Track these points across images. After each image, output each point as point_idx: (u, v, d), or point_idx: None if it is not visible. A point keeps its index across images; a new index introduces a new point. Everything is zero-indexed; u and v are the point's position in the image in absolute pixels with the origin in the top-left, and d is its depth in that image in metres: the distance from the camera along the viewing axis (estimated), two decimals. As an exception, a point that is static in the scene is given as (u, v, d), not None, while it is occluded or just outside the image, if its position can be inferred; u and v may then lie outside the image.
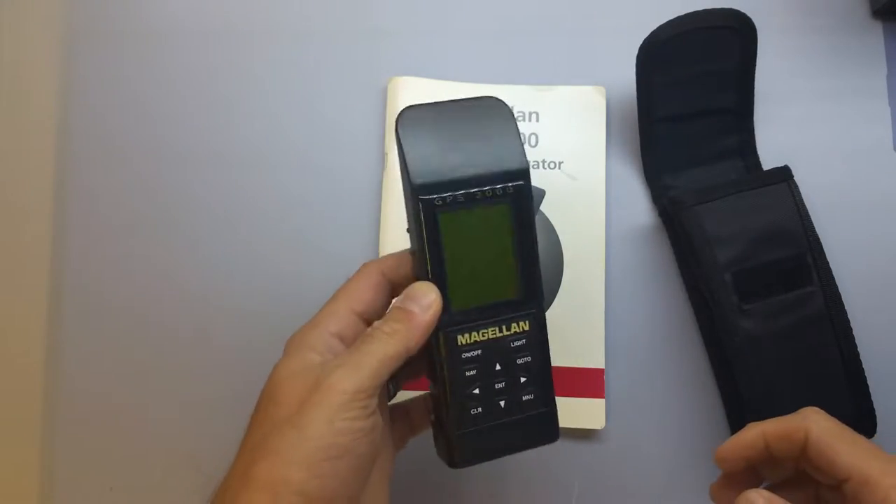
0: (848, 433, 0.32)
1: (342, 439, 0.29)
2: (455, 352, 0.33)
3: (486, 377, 0.33)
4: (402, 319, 0.32)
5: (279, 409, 0.30)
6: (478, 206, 0.32)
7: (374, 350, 0.31)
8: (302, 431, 0.28)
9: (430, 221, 0.32)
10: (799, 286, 0.43)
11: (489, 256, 0.33)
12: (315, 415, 0.29)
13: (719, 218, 0.43)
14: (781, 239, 0.43)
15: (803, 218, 0.44)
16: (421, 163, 0.32)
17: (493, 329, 0.33)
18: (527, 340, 0.34)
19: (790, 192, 0.44)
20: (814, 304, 0.43)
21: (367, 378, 0.30)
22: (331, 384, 0.29)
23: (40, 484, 0.46)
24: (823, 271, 0.43)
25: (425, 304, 0.32)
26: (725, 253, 0.43)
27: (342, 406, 0.29)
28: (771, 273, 0.43)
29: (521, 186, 0.33)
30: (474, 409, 0.33)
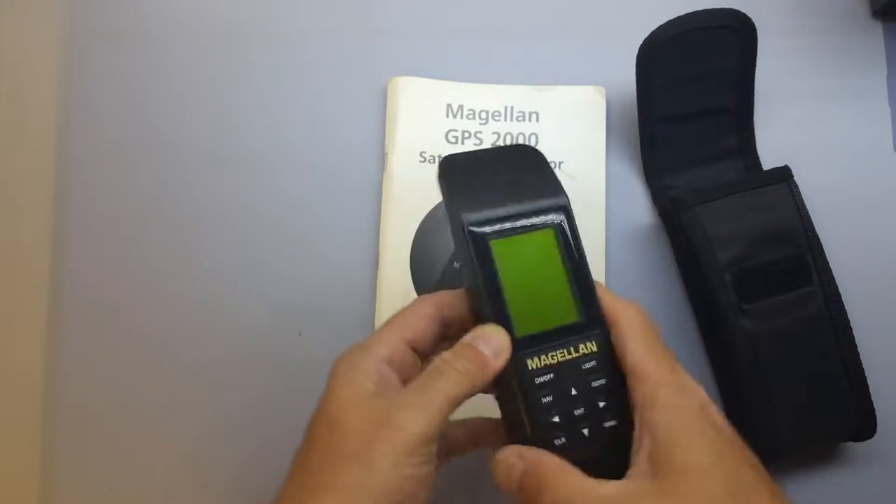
0: (651, 335, 0.32)
1: (408, 484, 0.28)
2: (527, 376, 0.32)
3: (565, 403, 0.32)
4: (474, 360, 0.31)
5: (344, 441, 0.29)
6: (527, 233, 0.33)
7: (444, 388, 0.30)
8: (370, 471, 0.28)
9: (482, 252, 0.32)
10: (799, 286, 0.43)
11: (544, 282, 0.33)
12: (384, 456, 0.28)
13: (719, 218, 0.43)
14: (781, 239, 0.43)
15: (803, 218, 0.44)
16: (466, 201, 0.33)
17: (561, 351, 0.32)
18: (597, 362, 0.32)
19: (790, 192, 0.44)
20: (814, 304, 0.43)
21: (435, 421, 0.29)
22: (401, 425, 0.29)
23: (40, 484, 0.46)
24: (823, 271, 0.43)
25: (496, 346, 0.31)
26: (725, 253, 0.43)
27: (410, 450, 0.29)
28: (771, 273, 0.43)
29: (564, 219, 0.33)
30: (558, 438, 0.32)
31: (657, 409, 0.29)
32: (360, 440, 0.29)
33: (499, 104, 0.49)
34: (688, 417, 0.29)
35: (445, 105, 0.48)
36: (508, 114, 0.49)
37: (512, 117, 0.48)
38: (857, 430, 0.43)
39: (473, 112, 0.48)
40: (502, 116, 0.48)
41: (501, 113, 0.49)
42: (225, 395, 0.47)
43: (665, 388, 0.30)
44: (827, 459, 0.45)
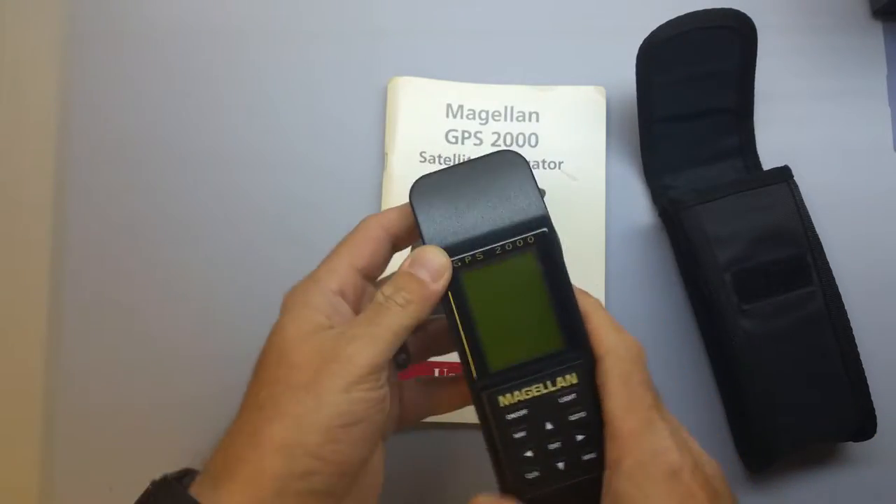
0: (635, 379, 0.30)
1: (358, 408, 0.29)
2: (498, 413, 0.31)
3: (538, 438, 0.31)
4: (414, 290, 0.31)
5: (293, 373, 0.30)
6: (500, 260, 0.31)
7: (389, 323, 0.30)
8: (319, 398, 0.29)
9: (453, 286, 0.31)
10: (799, 286, 0.43)
11: (522, 310, 0.31)
12: (332, 384, 0.29)
13: (719, 218, 0.43)
14: (781, 239, 0.43)
15: (803, 218, 0.44)
16: (436, 229, 0.32)
17: (537, 386, 0.31)
18: (577, 395, 0.31)
19: (790, 192, 0.44)
20: (814, 304, 0.43)
21: (383, 352, 0.30)
22: (349, 356, 0.29)
23: (40, 484, 0.46)
24: (823, 271, 0.43)
25: (435, 269, 0.31)
26: (725, 253, 0.43)
27: (359, 378, 0.29)
28: (771, 273, 0.43)
29: (543, 234, 0.31)
30: (529, 472, 0.31)
31: (620, 475, 0.29)
32: (309, 372, 0.29)
33: (499, 104, 0.49)
34: (650, 489, 0.28)
35: (445, 105, 0.48)
36: (508, 114, 0.49)
37: (512, 117, 0.48)
38: (857, 430, 0.43)
39: (473, 112, 0.48)
40: (502, 116, 0.48)
41: (501, 113, 0.49)
42: (225, 394, 0.46)
43: (633, 451, 0.29)
44: (827, 459, 0.46)
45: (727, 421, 0.45)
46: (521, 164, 0.33)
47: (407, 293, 0.31)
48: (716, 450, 0.45)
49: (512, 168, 0.33)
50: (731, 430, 0.45)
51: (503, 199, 0.32)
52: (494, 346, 0.31)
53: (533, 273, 0.31)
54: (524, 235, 0.31)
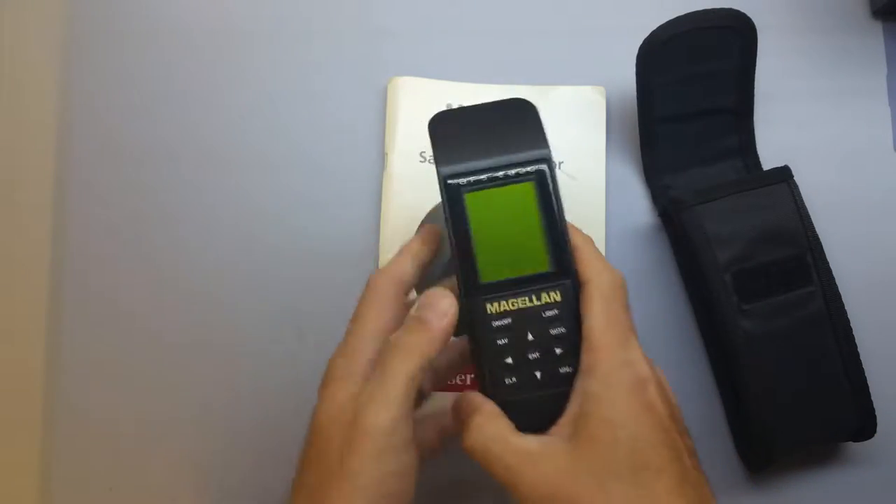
0: (615, 304, 0.32)
1: (392, 485, 0.30)
2: (485, 320, 0.33)
3: (519, 347, 0.33)
4: (419, 331, 0.32)
5: (325, 459, 0.30)
6: (501, 185, 0.34)
7: (397, 370, 0.31)
8: (354, 482, 0.29)
9: (455, 203, 0.33)
10: (799, 286, 0.43)
11: (516, 232, 0.34)
12: (360, 466, 0.29)
13: (719, 218, 0.43)
14: (781, 239, 0.43)
15: (803, 218, 0.44)
16: (448, 154, 0.34)
17: (523, 298, 0.33)
18: (559, 311, 0.33)
19: (790, 192, 0.44)
20: (814, 304, 0.43)
21: (400, 405, 0.30)
22: (367, 427, 0.30)
23: (40, 484, 0.46)
24: (823, 271, 0.43)
25: (441, 310, 0.32)
26: (725, 253, 0.43)
27: (384, 449, 0.30)
28: (771, 273, 0.43)
29: (544, 169, 0.34)
30: (508, 378, 0.33)
31: (592, 378, 0.31)
32: (338, 457, 0.30)
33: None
34: (615, 392, 0.30)
35: (445, 105, 0.48)
36: (508, 114, 0.48)
37: (512, 117, 0.48)
38: (857, 430, 0.43)
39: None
40: (502, 116, 0.48)
41: (501, 113, 0.49)
42: (225, 394, 0.47)
43: (606, 360, 0.31)
44: (827, 459, 0.46)
45: (727, 421, 0.45)
46: (532, 109, 0.36)
47: (413, 335, 0.32)
48: (716, 450, 0.45)
49: (523, 111, 0.36)
50: (730, 430, 0.45)
51: (512, 135, 0.35)
52: (487, 260, 0.33)
53: (529, 200, 0.34)
54: (526, 167, 0.34)
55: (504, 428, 0.31)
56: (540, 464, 0.30)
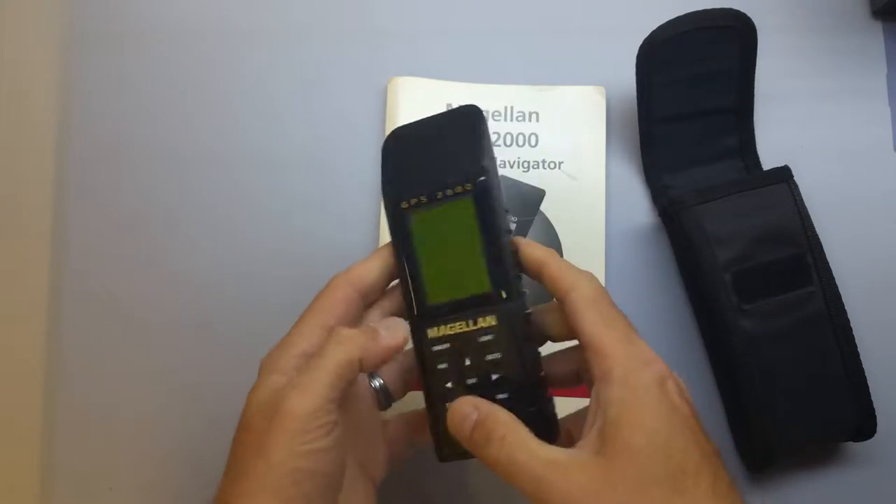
0: (605, 306, 0.32)
1: (304, 463, 0.30)
2: (426, 345, 0.34)
3: (457, 372, 0.34)
4: (365, 334, 0.32)
5: (248, 437, 0.31)
6: (441, 204, 0.34)
7: (324, 363, 0.31)
8: (267, 460, 0.29)
9: (399, 224, 0.34)
10: (799, 286, 0.43)
11: (458, 251, 0.34)
12: (276, 443, 0.30)
13: (719, 218, 0.43)
14: (781, 239, 0.43)
15: (803, 218, 0.44)
16: (393, 174, 0.35)
17: (461, 323, 0.34)
18: (494, 336, 0.33)
19: (790, 193, 0.44)
20: (814, 304, 0.43)
21: (322, 396, 0.30)
22: (286, 410, 0.30)
23: (40, 484, 0.46)
24: (823, 271, 0.43)
25: (394, 331, 0.33)
26: (725, 253, 0.43)
27: (300, 431, 0.30)
28: (771, 273, 0.43)
29: (483, 183, 0.33)
30: (450, 403, 0.33)
31: (611, 385, 0.29)
32: (260, 435, 0.30)
33: (499, 104, 0.49)
34: (640, 395, 0.29)
35: (445, 105, 0.49)
36: (508, 114, 0.49)
37: (512, 117, 0.48)
38: (857, 430, 0.43)
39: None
40: (502, 116, 0.48)
41: (501, 113, 0.49)
42: (225, 394, 0.47)
43: (620, 363, 0.30)
44: (827, 459, 0.45)
45: (727, 421, 0.45)
46: (476, 117, 0.35)
47: (357, 336, 0.32)
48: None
49: (468, 121, 0.35)
50: (731, 430, 0.45)
51: (454, 150, 0.35)
52: (431, 281, 0.34)
53: (469, 217, 0.33)
54: (464, 183, 0.33)
55: (529, 438, 0.30)
56: (571, 474, 0.28)
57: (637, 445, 0.28)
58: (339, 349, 0.31)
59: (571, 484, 0.28)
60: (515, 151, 0.48)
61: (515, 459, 0.29)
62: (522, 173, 0.48)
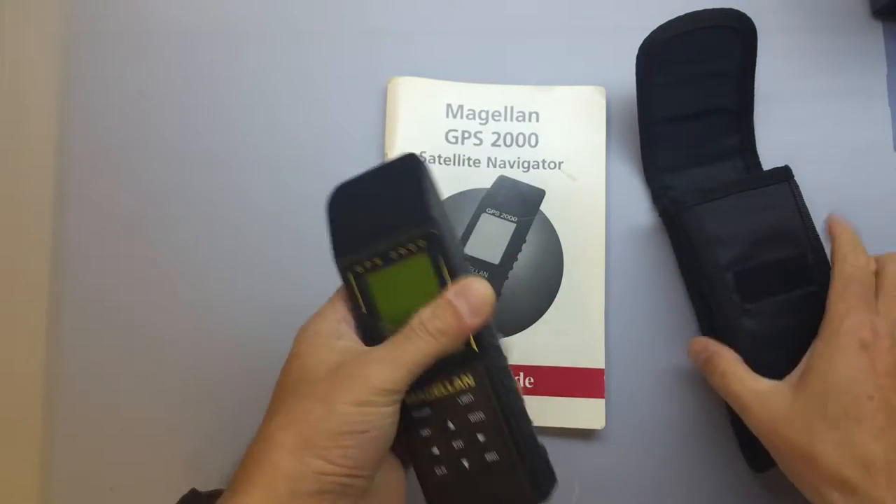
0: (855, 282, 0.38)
1: (369, 419, 0.30)
2: (406, 411, 0.32)
3: (442, 437, 0.33)
4: (449, 322, 0.31)
5: (309, 388, 0.31)
6: (397, 263, 0.33)
7: (417, 350, 0.31)
8: (330, 408, 0.29)
9: (362, 289, 0.33)
10: (800, 286, 0.43)
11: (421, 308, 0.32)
12: (344, 397, 0.30)
13: (720, 218, 0.43)
14: (782, 239, 0.43)
15: (804, 218, 0.43)
16: (343, 236, 0.34)
17: (438, 386, 0.32)
18: (474, 396, 0.32)
19: (791, 192, 0.44)
20: (815, 303, 0.43)
21: (402, 378, 0.30)
22: (366, 376, 0.30)
23: (40, 484, 0.46)
24: (824, 271, 0.43)
25: (476, 303, 0.31)
26: (726, 253, 0.43)
27: (374, 399, 0.30)
28: (772, 273, 0.43)
29: (432, 235, 0.32)
30: (437, 468, 0.33)
31: (820, 339, 0.37)
32: (325, 387, 0.30)
33: (499, 104, 0.49)
34: (835, 351, 0.36)
35: (445, 105, 0.49)
36: (508, 114, 0.49)
37: (512, 117, 0.48)
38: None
39: (473, 112, 0.48)
40: (502, 116, 0.48)
41: (501, 113, 0.49)
42: (225, 394, 0.47)
43: (832, 324, 0.37)
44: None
45: (730, 421, 0.45)
46: (415, 166, 0.33)
47: (441, 323, 0.31)
48: (719, 450, 0.45)
49: (406, 171, 0.33)
50: (734, 430, 0.45)
51: (398, 203, 0.33)
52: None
53: (427, 273, 0.32)
54: (415, 239, 0.32)
55: (744, 372, 0.39)
56: (767, 404, 0.37)
57: (815, 389, 0.36)
58: (433, 344, 0.31)
59: (764, 411, 0.37)
60: (515, 151, 0.48)
61: (730, 389, 0.39)
62: (522, 173, 0.48)
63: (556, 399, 0.45)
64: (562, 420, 0.45)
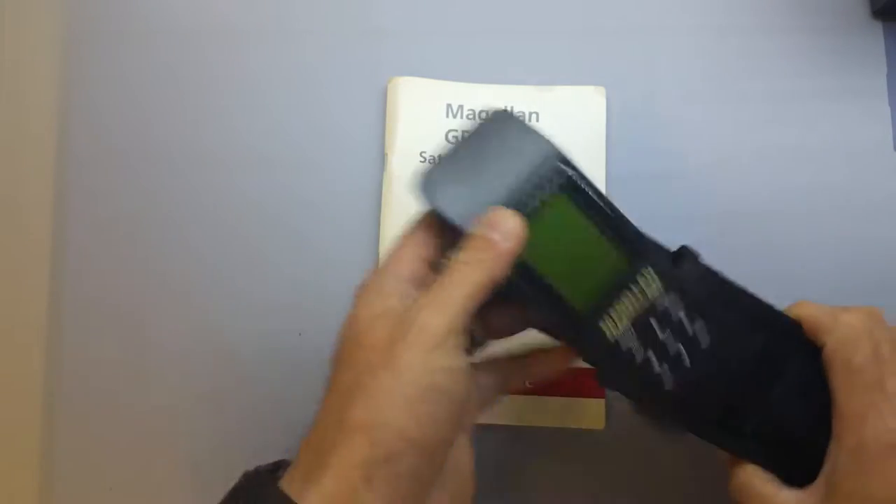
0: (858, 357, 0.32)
1: (439, 380, 0.28)
2: (607, 348, 0.31)
3: (658, 350, 0.31)
4: (485, 248, 0.30)
5: (369, 353, 0.29)
6: (539, 214, 0.31)
7: (460, 282, 0.29)
8: (398, 375, 0.28)
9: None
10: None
11: (580, 249, 0.31)
12: (410, 357, 0.28)
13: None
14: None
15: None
16: (465, 212, 0.31)
17: (629, 298, 0.31)
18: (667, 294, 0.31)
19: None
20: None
21: (457, 314, 0.29)
22: (421, 326, 0.28)
23: (40, 484, 0.46)
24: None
25: (506, 230, 0.30)
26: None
27: (436, 346, 0.28)
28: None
29: (562, 172, 0.31)
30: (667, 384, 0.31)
31: (842, 450, 0.31)
32: (385, 350, 0.28)
33: (499, 104, 0.48)
34: (869, 465, 0.30)
35: (445, 105, 0.49)
36: (508, 114, 0.48)
37: (512, 117, 0.48)
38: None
39: (473, 112, 0.49)
40: (502, 116, 0.48)
41: (501, 113, 0.48)
42: (225, 394, 0.47)
43: (854, 431, 0.31)
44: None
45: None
46: (511, 116, 0.32)
47: (475, 251, 0.30)
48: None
49: (506, 124, 0.32)
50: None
51: (514, 156, 0.31)
52: (572, 291, 0.31)
53: (573, 212, 0.31)
54: (549, 182, 0.31)
55: (766, 480, 0.33)
56: None
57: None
58: (475, 273, 0.29)
59: None
60: (515, 151, 0.48)
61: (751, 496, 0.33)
62: (522, 173, 0.48)
63: (556, 399, 0.45)
64: (562, 420, 0.45)
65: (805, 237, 0.47)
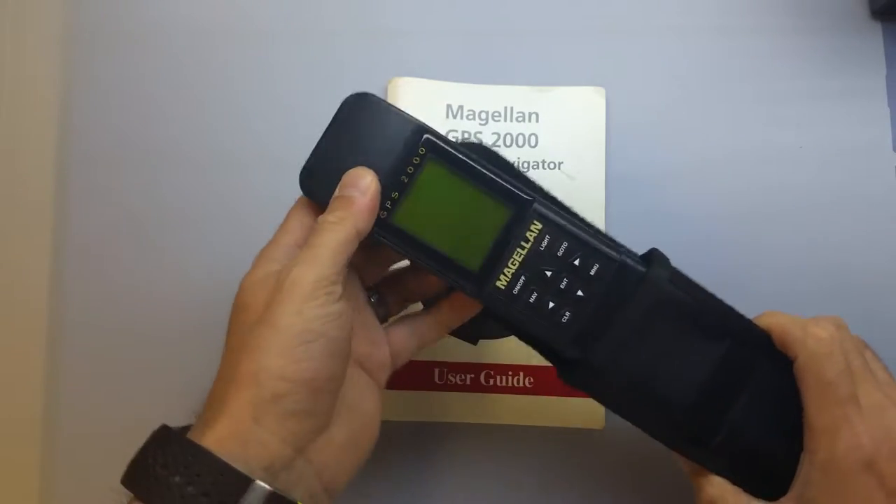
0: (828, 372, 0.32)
1: (312, 324, 0.30)
2: (503, 299, 0.33)
3: (549, 287, 0.33)
4: (345, 206, 0.32)
5: (250, 315, 0.31)
6: (413, 186, 0.33)
7: (325, 240, 0.31)
8: (274, 327, 0.30)
9: (391, 231, 0.33)
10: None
11: (460, 211, 0.33)
12: (284, 310, 0.30)
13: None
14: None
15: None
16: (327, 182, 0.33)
17: (516, 250, 0.33)
18: (550, 234, 0.33)
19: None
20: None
21: (326, 267, 0.31)
22: (293, 279, 0.30)
23: (40, 484, 0.46)
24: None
25: (363, 186, 0.32)
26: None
27: (307, 296, 0.30)
28: None
29: (428, 140, 0.33)
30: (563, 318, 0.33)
31: (814, 466, 0.31)
32: (265, 308, 0.31)
33: (499, 104, 0.49)
34: (841, 481, 0.31)
35: (445, 105, 0.49)
36: (508, 114, 0.49)
37: (512, 118, 0.48)
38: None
39: (473, 112, 0.49)
40: (502, 117, 0.49)
41: (501, 113, 0.49)
42: (225, 395, 0.47)
43: (825, 447, 0.31)
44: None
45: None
46: (371, 98, 0.34)
47: (338, 211, 0.32)
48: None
49: (368, 106, 0.34)
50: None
51: (379, 135, 0.33)
52: (462, 253, 0.33)
53: (445, 175, 0.33)
54: (416, 153, 0.33)
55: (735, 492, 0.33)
56: None
57: None
58: (338, 229, 0.32)
59: None
60: (515, 152, 0.48)
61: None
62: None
63: (556, 399, 0.45)
64: (562, 420, 0.45)
65: (804, 237, 0.47)
